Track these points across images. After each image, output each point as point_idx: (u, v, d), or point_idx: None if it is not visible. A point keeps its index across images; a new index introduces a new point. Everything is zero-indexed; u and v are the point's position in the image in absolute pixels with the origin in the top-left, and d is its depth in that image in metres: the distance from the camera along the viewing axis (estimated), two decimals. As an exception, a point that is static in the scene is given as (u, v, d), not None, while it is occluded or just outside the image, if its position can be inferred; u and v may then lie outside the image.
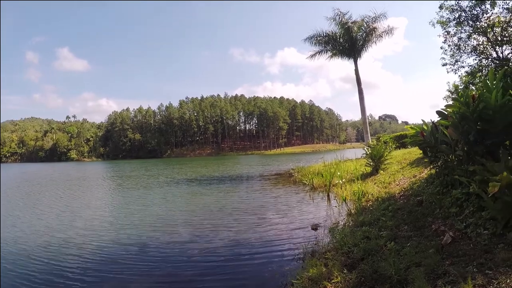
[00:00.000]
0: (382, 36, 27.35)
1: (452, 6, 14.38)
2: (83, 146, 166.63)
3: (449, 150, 6.72)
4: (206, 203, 14.15)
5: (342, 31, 27.26)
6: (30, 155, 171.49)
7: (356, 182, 13.29)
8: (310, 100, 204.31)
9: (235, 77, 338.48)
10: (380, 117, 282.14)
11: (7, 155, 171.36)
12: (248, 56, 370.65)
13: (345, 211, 10.09)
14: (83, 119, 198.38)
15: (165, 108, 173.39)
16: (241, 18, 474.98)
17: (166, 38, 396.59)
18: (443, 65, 16.00)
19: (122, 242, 8.56)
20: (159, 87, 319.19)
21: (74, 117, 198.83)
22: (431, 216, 6.29)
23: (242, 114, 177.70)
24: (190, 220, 10.96)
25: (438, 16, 15.32)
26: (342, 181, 14.38)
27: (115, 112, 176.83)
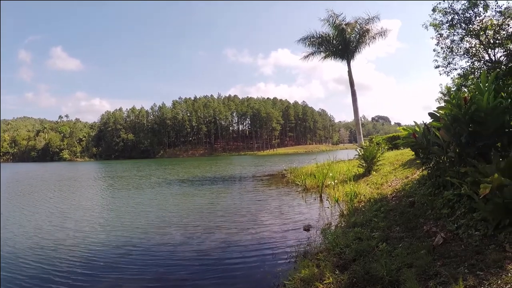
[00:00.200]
0: (375, 38, 27.44)
1: (445, 9, 14.49)
2: (76, 146, 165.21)
3: (441, 152, 6.76)
4: (198, 204, 14.07)
5: (336, 33, 27.31)
6: (22, 155, 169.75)
7: (348, 183, 13.30)
8: (303, 101, 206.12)
9: (229, 77, 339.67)
10: (373, 118, 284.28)
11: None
12: (241, 56, 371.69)
13: (337, 212, 10.10)
14: (76, 119, 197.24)
15: (158, 108, 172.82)
16: (235, 19, 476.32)
17: (160, 38, 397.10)
18: (436, 67, 16.12)
19: (113, 244, 8.45)
20: (152, 87, 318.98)
21: (66, 116, 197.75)
22: (423, 217, 6.31)
23: (235, 114, 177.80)
24: (182, 221, 10.86)
25: (431, 18, 15.43)
26: (334, 182, 14.39)
27: (108, 112, 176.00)
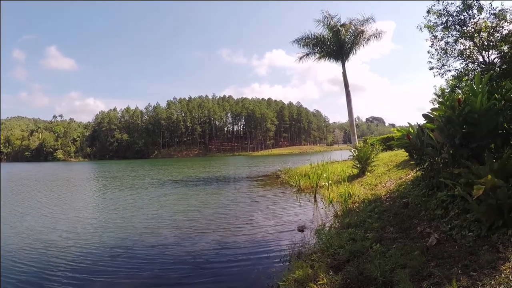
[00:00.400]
0: (370, 39, 27.54)
1: (439, 11, 14.56)
2: (70, 146, 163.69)
3: (434, 153, 6.78)
4: (192, 205, 14.01)
5: (331, 34, 27.37)
6: (16, 155, 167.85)
7: (342, 184, 13.34)
8: (298, 101, 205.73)
9: (223, 78, 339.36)
10: (367, 119, 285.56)
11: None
12: (236, 57, 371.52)
13: (331, 213, 10.09)
14: (70, 119, 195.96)
15: (152, 108, 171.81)
16: (229, 19, 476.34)
17: (154, 38, 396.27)
18: (430, 68, 16.18)
19: (106, 245, 8.38)
20: (147, 87, 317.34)
21: (60, 116, 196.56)
22: (417, 218, 6.33)
23: (229, 115, 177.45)
24: (176, 222, 10.81)
25: (426, 20, 15.50)
26: (328, 182, 14.40)
27: (102, 112, 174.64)
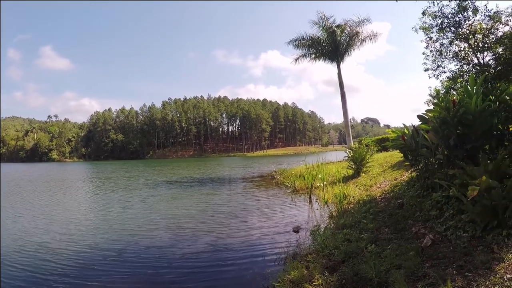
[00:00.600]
0: (365, 40, 27.63)
1: (435, 13, 14.58)
2: (65, 147, 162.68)
3: (429, 154, 6.81)
4: (186, 206, 13.93)
5: (326, 35, 27.42)
6: (11, 155, 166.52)
7: (337, 185, 13.35)
8: (293, 102, 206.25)
9: (218, 78, 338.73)
10: (362, 120, 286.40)
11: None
12: (231, 58, 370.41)
13: (326, 214, 10.08)
14: (65, 119, 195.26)
15: (147, 108, 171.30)
16: (224, 20, 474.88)
17: (150, 38, 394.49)
18: (425, 70, 16.20)
19: (100, 247, 8.30)
20: (142, 88, 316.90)
21: (55, 116, 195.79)
22: (412, 218, 6.34)
23: (225, 115, 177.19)
24: (170, 223, 10.75)
25: (421, 22, 15.50)
26: (324, 183, 14.41)
27: (97, 112, 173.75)
